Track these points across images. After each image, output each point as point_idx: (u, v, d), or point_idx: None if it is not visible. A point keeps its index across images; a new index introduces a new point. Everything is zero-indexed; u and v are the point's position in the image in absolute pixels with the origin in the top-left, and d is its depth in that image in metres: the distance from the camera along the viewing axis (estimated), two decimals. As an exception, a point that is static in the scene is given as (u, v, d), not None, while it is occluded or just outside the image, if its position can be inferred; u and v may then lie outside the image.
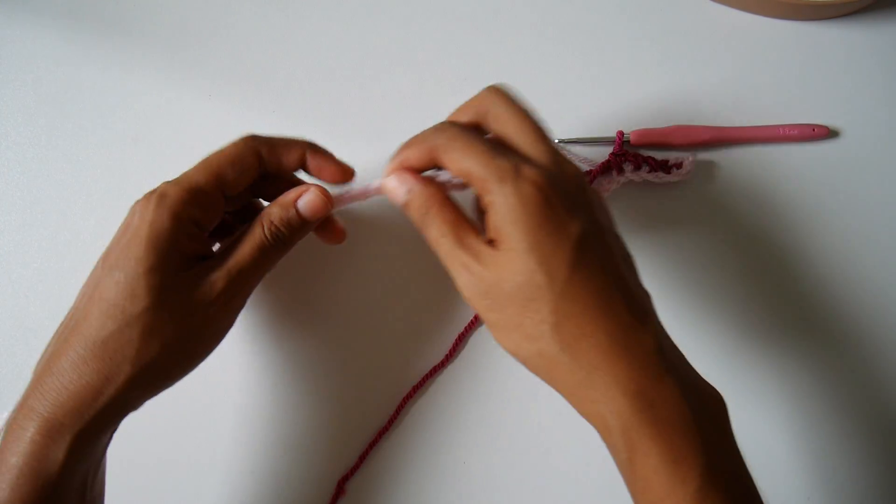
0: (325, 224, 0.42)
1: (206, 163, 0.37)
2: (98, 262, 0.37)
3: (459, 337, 0.47)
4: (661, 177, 0.47)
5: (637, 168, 0.47)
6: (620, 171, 0.47)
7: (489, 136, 0.37)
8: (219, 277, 0.36)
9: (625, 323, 0.32)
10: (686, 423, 0.31)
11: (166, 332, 0.35)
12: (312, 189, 0.39)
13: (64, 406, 0.34)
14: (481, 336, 0.48)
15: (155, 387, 0.37)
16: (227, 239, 0.40)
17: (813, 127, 0.49)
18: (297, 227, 0.39)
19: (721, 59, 0.50)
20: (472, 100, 0.37)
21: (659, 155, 0.48)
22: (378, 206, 0.46)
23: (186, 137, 0.49)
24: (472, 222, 0.35)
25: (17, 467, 0.33)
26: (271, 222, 0.38)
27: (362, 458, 0.46)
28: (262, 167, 0.39)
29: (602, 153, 0.49)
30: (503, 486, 0.46)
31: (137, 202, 0.36)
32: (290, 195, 0.39)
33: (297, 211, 0.38)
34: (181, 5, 0.51)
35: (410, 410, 0.47)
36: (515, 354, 0.34)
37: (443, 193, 0.36)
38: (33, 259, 0.48)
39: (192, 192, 0.36)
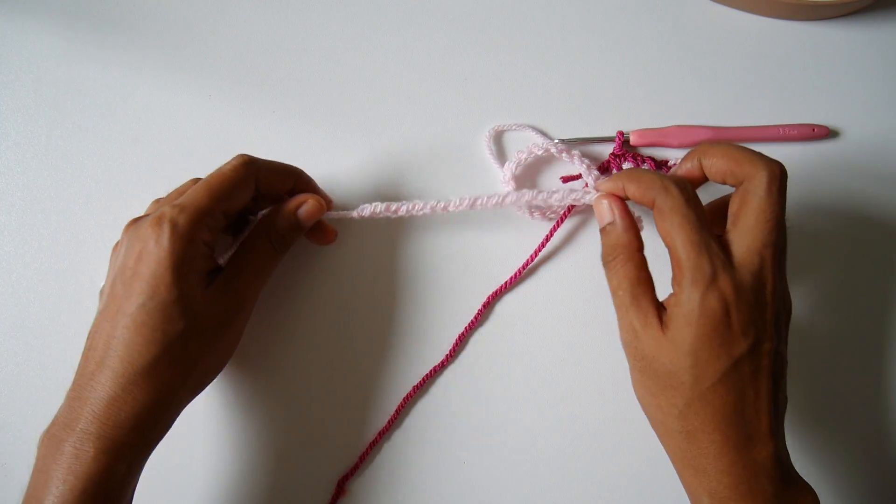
0: (317, 229, 0.45)
1: (208, 186, 0.39)
2: (114, 291, 0.37)
3: (459, 337, 0.47)
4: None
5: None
6: (620, 171, 0.48)
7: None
8: (241, 287, 0.40)
9: (746, 434, 0.35)
10: None
11: (205, 345, 0.38)
12: (310, 199, 0.43)
13: (124, 426, 0.35)
14: (481, 336, 0.48)
15: (198, 391, 0.41)
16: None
17: (813, 127, 0.49)
18: (296, 233, 0.43)
19: (721, 59, 0.50)
20: (747, 156, 0.36)
21: (659, 155, 0.49)
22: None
23: (186, 137, 0.49)
24: (651, 285, 0.37)
25: (80, 488, 0.34)
26: (277, 231, 0.42)
27: (362, 458, 0.46)
28: (257, 190, 0.41)
29: (602, 153, 0.49)
30: (503, 485, 0.46)
31: (141, 228, 0.37)
32: (290, 205, 0.42)
33: (297, 218, 0.42)
34: (181, 5, 0.51)
35: (410, 410, 0.47)
36: (643, 409, 0.38)
37: (637, 244, 0.38)
38: (33, 259, 0.48)
39: (201, 217, 0.38)
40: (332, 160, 0.49)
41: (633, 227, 0.39)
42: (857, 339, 0.48)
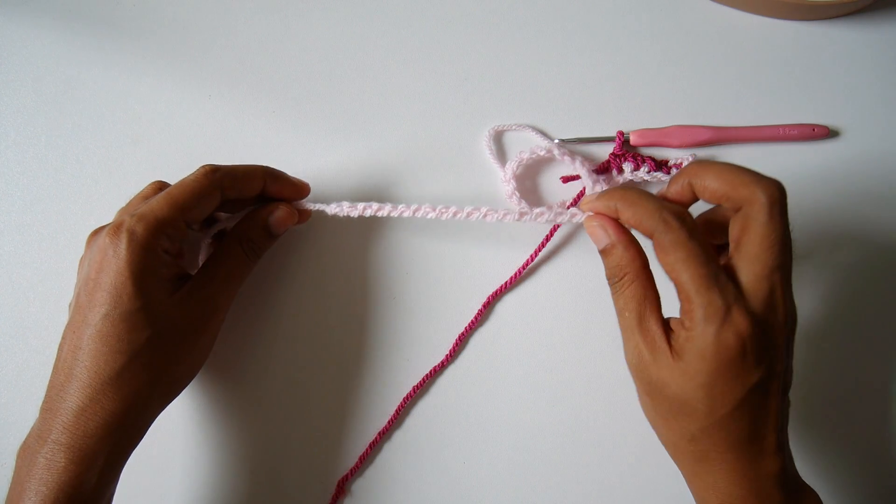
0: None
1: (170, 197, 0.38)
2: (79, 302, 0.38)
3: (459, 337, 0.47)
4: (660, 177, 0.47)
5: (637, 168, 0.47)
6: (620, 171, 0.48)
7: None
8: (212, 294, 0.40)
9: (756, 451, 0.34)
10: None
11: (174, 352, 0.38)
12: (281, 207, 0.43)
13: (94, 435, 0.36)
14: (481, 336, 0.48)
15: (171, 397, 0.40)
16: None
17: (813, 127, 0.49)
18: (268, 240, 0.44)
19: (721, 59, 0.50)
20: (743, 179, 0.34)
21: (659, 155, 0.49)
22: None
23: (186, 138, 0.49)
24: (658, 303, 0.36)
25: (52, 499, 0.35)
26: (249, 240, 0.42)
27: (362, 458, 0.46)
28: (223, 198, 0.41)
29: (602, 153, 0.49)
30: (503, 485, 0.46)
31: (100, 237, 0.37)
32: (262, 213, 0.43)
33: (268, 226, 0.43)
34: (181, 6, 0.51)
35: (410, 410, 0.47)
36: (652, 427, 0.38)
37: (641, 261, 0.37)
38: (33, 259, 0.48)
39: (160, 227, 0.37)
40: (331, 160, 0.49)
41: (634, 244, 0.37)
42: (858, 340, 0.48)
